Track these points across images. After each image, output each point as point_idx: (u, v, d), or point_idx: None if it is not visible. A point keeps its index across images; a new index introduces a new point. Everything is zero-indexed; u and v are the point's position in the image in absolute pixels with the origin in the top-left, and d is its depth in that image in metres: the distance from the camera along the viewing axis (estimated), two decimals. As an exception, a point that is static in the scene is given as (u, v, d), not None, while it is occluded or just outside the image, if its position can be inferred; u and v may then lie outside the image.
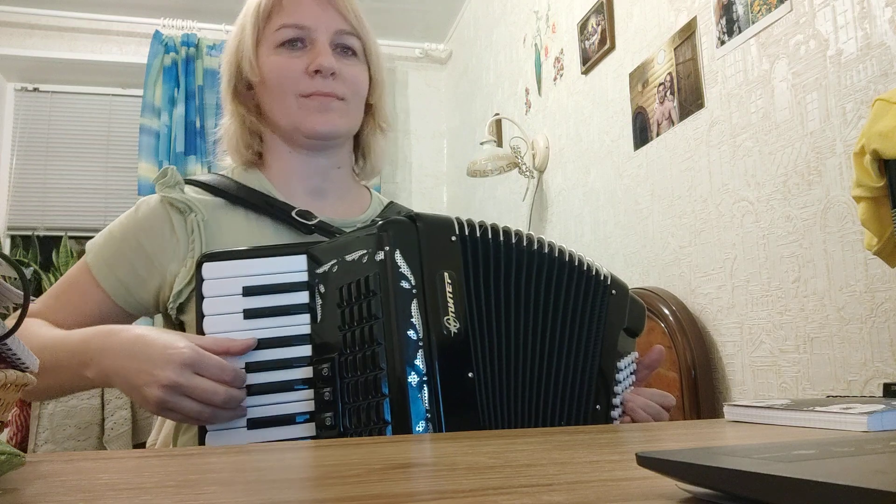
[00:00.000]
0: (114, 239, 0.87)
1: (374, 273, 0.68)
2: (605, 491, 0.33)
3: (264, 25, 0.92)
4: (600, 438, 0.53)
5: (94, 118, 3.65)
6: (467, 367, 0.67)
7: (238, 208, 0.89)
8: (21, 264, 0.47)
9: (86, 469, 0.43)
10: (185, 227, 0.85)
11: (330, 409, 0.67)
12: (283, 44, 0.91)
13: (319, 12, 0.91)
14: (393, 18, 3.62)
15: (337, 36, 0.92)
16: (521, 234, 0.76)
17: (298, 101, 0.90)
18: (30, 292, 0.47)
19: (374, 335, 0.67)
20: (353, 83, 0.93)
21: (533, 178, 2.54)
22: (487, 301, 0.71)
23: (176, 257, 0.85)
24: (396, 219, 0.72)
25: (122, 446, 2.22)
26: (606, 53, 2.05)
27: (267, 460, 0.45)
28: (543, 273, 0.76)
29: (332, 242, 0.75)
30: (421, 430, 0.64)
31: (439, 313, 0.68)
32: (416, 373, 0.65)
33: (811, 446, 0.34)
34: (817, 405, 0.61)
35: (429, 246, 0.70)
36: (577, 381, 0.75)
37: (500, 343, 0.71)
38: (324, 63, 0.89)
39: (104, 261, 0.86)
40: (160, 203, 0.88)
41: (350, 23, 0.93)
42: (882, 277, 1.11)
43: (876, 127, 0.86)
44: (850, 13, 1.18)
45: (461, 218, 0.74)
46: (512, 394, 0.70)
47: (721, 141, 1.52)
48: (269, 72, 0.91)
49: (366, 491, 0.33)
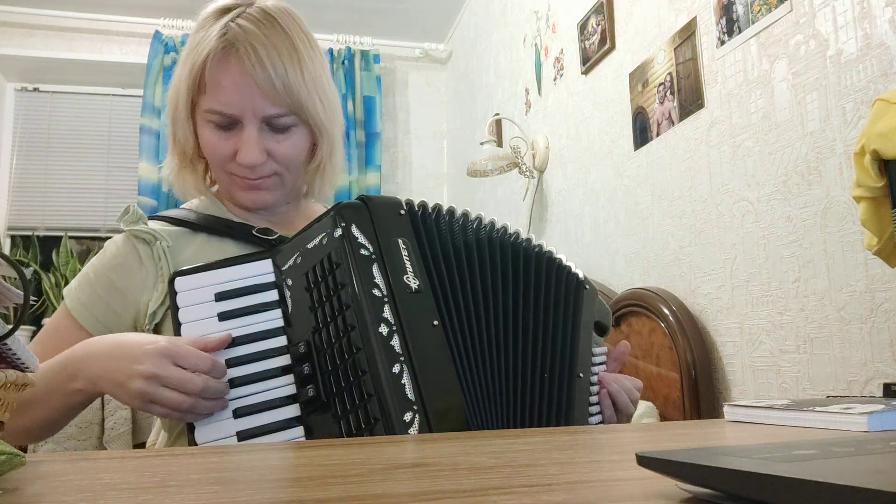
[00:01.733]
0: (88, 281, 0.90)
1: (335, 248, 0.74)
2: (605, 491, 0.33)
3: (197, 97, 0.88)
4: (601, 438, 0.53)
5: (95, 118, 3.65)
6: (432, 315, 0.72)
7: (200, 234, 0.92)
8: (21, 264, 0.47)
9: (86, 469, 0.43)
10: (152, 256, 0.88)
11: (310, 382, 0.71)
12: (212, 122, 0.88)
13: (245, 98, 0.85)
14: (393, 18, 3.62)
15: (267, 119, 0.87)
16: (468, 213, 0.82)
17: (229, 177, 0.91)
18: (30, 292, 0.47)
19: (342, 302, 0.71)
20: (286, 158, 0.90)
21: (533, 178, 2.54)
22: (447, 263, 0.76)
23: (146, 287, 0.87)
24: (347, 202, 0.77)
25: (122, 446, 2.22)
26: (606, 53, 2.05)
27: (269, 459, 0.45)
28: (497, 248, 0.81)
29: (293, 240, 0.80)
30: (397, 371, 0.67)
31: (398, 273, 0.73)
32: (384, 324, 0.70)
33: (811, 446, 0.34)
34: (817, 405, 0.61)
35: (380, 218, 0.76)
36: (556, 350, 0.80)
37: (465, 300, 0.75)
38: (246, 160, 0.87)
39: (81, 304, 0.88)
40: (126, 239, 0.90)
41: (280, 103, 0.86)
42: (882, 277, 1.11)
43: (876, 127, 0.86)
44: (850, 13, 1.19)
45: (410, 199, 0.80)
46: (482, 344, 0.74)
47: (721, 141, 1.52)
48: (202, 142, 0.91)
49: (368, 490, 0.33)
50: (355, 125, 3.57)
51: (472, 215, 0.82)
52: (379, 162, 3.60)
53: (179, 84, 0.90)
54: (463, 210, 0.82)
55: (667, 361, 1.61)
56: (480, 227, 0.82)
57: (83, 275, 0.91)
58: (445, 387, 0.68)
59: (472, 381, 0.72)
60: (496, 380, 0.74)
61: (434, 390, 0.67)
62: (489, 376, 0.73)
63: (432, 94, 3.93)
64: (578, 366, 0.81)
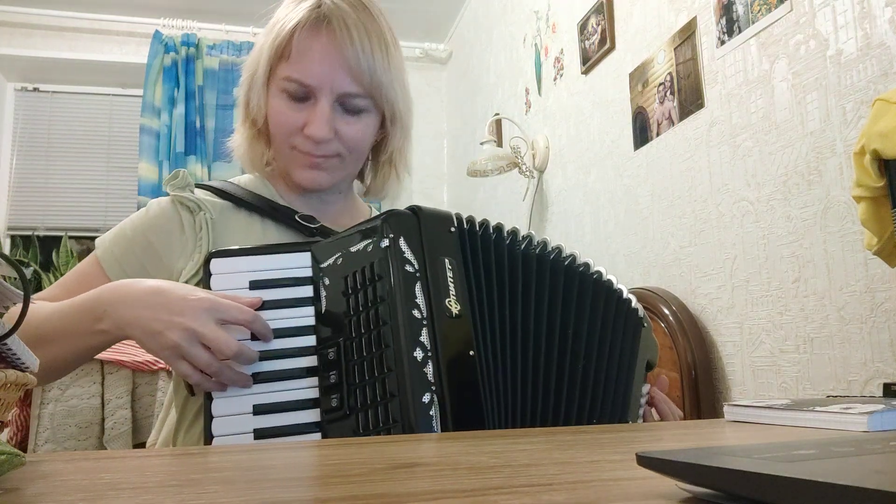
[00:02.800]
0: (125, 236, 0.89)
1: (379, 258, 0.71)
2: (606, 491, 0.33)
3: (276, 65, 0.89)
4: (601, 438, 0.53)
5: (94, 118, 3.64)
6: (468, 345, 0.69)
7: (243, 211, 0.92)
8: (21, 264, 0.47)
9: (86, 469, 0.43)
10: (193, 225, 0.87)
11: (335, 392, 0.69)
12: (287, 91, 0.88)
13: (327, 70, 0.86)
14: (393, 18, 3.59)
15: (342, 98, 0.88)
16: (517, 231, 0.78)
17: (291, 152, 0.90)
18: (30, 292, 0.47)
19: (380, 316, 0.69)
20: (352, 141, 0.90)
21: (533, 178, 2.54)
22: (489, 289, 0.73)
23: (184, 254, 0.87)
24: (398, 210, 0.74)
25: (122, 446, 2.22)
26: (606, 53, 2.05)
27: (270, 459, 0.45)
28: (546, 272, 0.77)
29: (335, 238, 0.78)
30: (426, 401, 0.65)
31: (441, 295, 0.70)
32: (420, 349, 0.67)
33: (811, 446, 0.34)
34: (817, 405, 0.61)
35: (430, 234, 0.73)
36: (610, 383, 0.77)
37: (503, 329, 0.72)
38: (316, 134, 0.86)
39: (114, 256, 0.87)
40: (171, 203, 0.90)
41: (361, 83, 0.87)
42: (882, 277, 1.11)
43: (876, 127, 0.86)
44: (850, 13, 1.19)
45: (460, 213, 0.76)
46: (514, 379, 0.72)
47: (721, 141, 1.52)
48: (271, 113, 0.91)
49: (369, 490, 0.33)
50: (355, 125, 3.56)
51: (520, 234, 0.78)
52: (379, 162, 3.60)
53: (262, 50, 0.90)
54: (511, 228, 0.78)
55: (667, 361, 1.61)
56: (530, 248, 0.77)
57: (119, 230, 0.90)
58: (472, 427, 0.66)
59: (502, 417, 0.69)
60: (531, 417, 0.71)
61: (461, 427, 0.65)
62: (525, 414, 0.71)
63: (432, 94, 3.93)
64: (630, 413, 0.78)
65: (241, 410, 0.69)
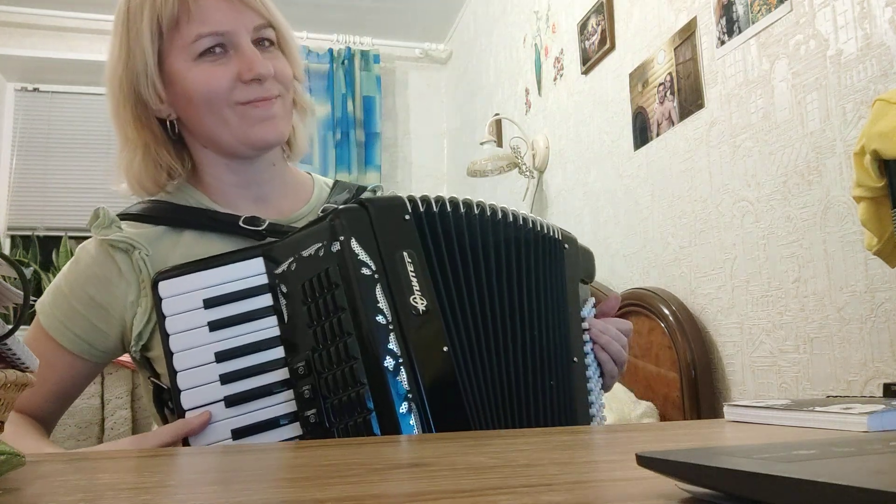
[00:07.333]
0: (63, 295, 0.83)
1: (333, 265, 0.68)
2: (605, 491, 0.33)
3: (171, 37, 0.82)
4: (600, 438, 0.53)
5: (94, 118, 3.64)
6: (441, 341, 0.67)
7: (182, 232, 0.85)
8: (21, 264, 0.47)
9: (86, 469, 0.43)
10: (132, 267, 0.81)
11: (312, 406, 0.67)
12: (203, 54, 0.82)
13: (234, 14, 0.82)
14: (393, 18, 3.62)
15: (255, 32, 0.83)
16: (472, 203, 0.76)
17: (237, 111, 0.83)
18: (30, 292, 0.47)
19: (343, 327, 0.66)
20: (281, 74, 0.85)
21: (533, 178, 2.54)
22: (455, 275, 0.71)
23: (129, 302, 0.81)
24: (346, 207, 0.71)
25: (122, 446, 2.22)
26: (606, 53, 2.05)
27: (267, 460, 0.45)
28: (501, 241, 0.76)
29: (285, 240, 0.74)
30: (404, 411, 0.64)
31: (404, 294, 0.67)
32: (390, 356, 0.65)
33: (811, 446, 0.34)
34: (817, 405, 0.61)
35: (383, 229, 0.69)
36: (552, 342, 0.77)
37: (473, 315, 0.70)
38: (261, 70, 0.81)
39: (59, 321, 0.82)
40: (100, 247, 0.83)
41: (263, 14, 0.84)
42: (882, 277, 1.11)
43: (876, 127, 0.86)
44: (850, 13, 1.18)
45: (413, 195, 0.73)
46: (490, 363, 0.70)
47: (721, 141, 1.52)
48: (194, 84, 0.82)
49: (366, 491, 0.33)
50: (355, 125, 3.57)
51: (475, 208, 0.76)
52: (379, 162, 3.60)
53: (135, 41, 0.83)
54: (464, 199, 0.75)
55: (666, 361, 1.61)
56: (484, 221, 0.75)
57: (55, 289, 0.83)
58: (456, 426, 0.65)
59: (480, 409, 0.68)
60: (501, 401, 0.70)
61: (443, 428, 0.65)
62: (497, 398, 0.70)
63: (432, 94, 3.94)
64: (573, 349, 0.78)
65: (218, 439, 0.67)
